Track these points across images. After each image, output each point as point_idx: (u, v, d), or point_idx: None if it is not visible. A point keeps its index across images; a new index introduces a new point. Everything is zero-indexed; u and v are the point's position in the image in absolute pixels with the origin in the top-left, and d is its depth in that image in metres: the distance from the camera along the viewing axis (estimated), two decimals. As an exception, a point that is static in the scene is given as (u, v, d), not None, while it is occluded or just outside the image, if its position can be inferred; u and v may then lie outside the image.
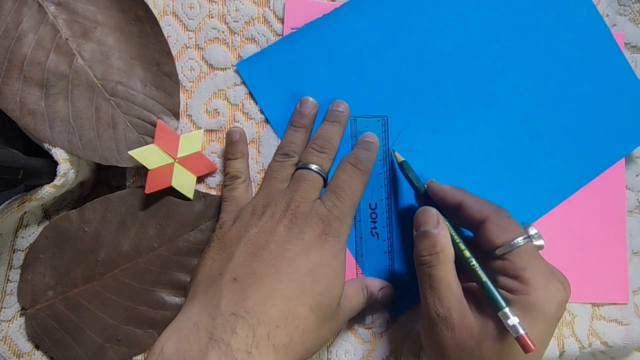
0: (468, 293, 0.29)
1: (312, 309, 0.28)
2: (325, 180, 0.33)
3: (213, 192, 0.35)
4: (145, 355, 0.34)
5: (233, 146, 0.34)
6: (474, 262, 0.29)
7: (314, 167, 0.32)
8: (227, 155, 0.35)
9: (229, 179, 0.34)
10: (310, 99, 0.35)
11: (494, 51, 0.36)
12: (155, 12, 0.34)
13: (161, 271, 0.34)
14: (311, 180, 0.32)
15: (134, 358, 0.34)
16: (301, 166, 0.33)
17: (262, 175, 0.35)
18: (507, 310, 0.27)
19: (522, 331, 0.26)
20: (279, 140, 0.35)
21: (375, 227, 0.35)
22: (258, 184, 0.35)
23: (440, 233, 0.30)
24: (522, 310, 0.27)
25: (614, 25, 0.38)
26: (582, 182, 0.37)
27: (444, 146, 0.36)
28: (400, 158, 0.34)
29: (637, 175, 0.39)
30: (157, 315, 0.34)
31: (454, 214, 0.31)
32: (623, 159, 0.37)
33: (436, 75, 0.36)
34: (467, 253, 0.30)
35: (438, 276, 0.29)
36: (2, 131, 0.33)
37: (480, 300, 0.29)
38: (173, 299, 0.34)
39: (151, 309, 0.34)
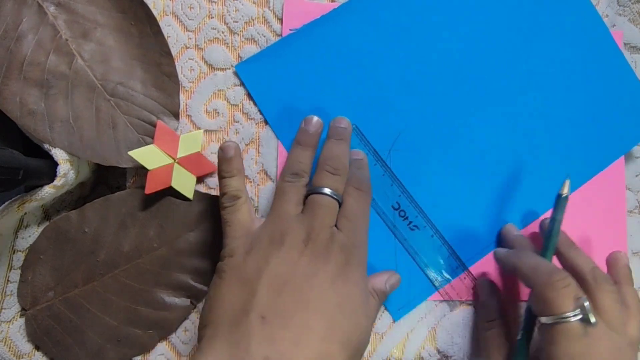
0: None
1: (343, 345, 0.27)
2: (339, 203, 0.31)
3: (213, 193, 0.35)
4: (146, 356, 0.34)
5: (228, 163, 0.32)
6: (522, 326, 0.31)
7: (327, 191, 0.31)
8: (222, 173, 0.32)
9: (228, 199, 0.31)
10: (315, 117, 0.33)
11: (493, 51, 0.36)
12: (155, 12, 0.34)
13: (161, 272, 0.34)
14: (327, 205, 0.31)
15: (134, 359, 0.34)
16: (315, 190, 0.31)
17: (262, 175, 0.35)
18: None
19: None
20: (279, 141, 0.35)
21: (410, 222, 0.35)
22: (258, 185, 0.35)
23: (494, 304, 0.34)
24: None
25: (614, 25, 0.38)
26: (581, 181, 0.37)
27: (443, 146, 0.36)
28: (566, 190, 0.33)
29: (636, 176, 0.39)
30: (158, 315, 0.34)
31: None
32: (623, 160, 0.37)
33: (436, 75, 0.36)
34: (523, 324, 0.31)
35: (489, 339, 0.33)
36: (2, 132, 0.33)
37: None
38: (173, 299, 0.34)
39: (151, 310, 0.34)
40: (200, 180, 0.35)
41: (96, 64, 0.33)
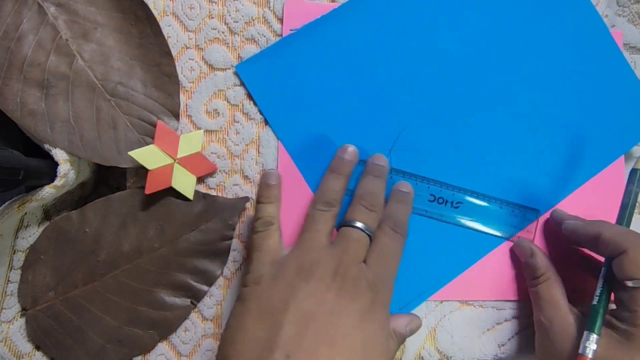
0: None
1: None
2: (371, 239, 0.31)
3: (213, 193, 0.35)
4: (146, 356, 0.34)
5: (269, 190, 0.32)
6: (601, 285, 0.31)
7: (361, 225, 0.31)
8: (261, 199, 0.32)
9: (261, 224, 0.31)
10: (352, 147, 0.34)
11: (494, 51, 0.36)
12: (155, 12, 0.34)
13: (162, 272, 0.34)
14: (359, 240, 0.30)
15: (134, 359, 0.34)
16: (348, 223, 0.31)
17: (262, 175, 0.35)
18: (594, 335, 0.29)
19: (588, 355, 0.28)
20: (279, 141, 0.35)
21: (452, 202, 0.35)
22: (257, 184, 0.35)
23: (537, 261, 0.34)
24: (623, 339, 0.29)
25: (613, 25, 0.38)
26: (581, 181, 0.37)
27: (444, 146, 0.36)
28: None
29: (636, 175, 0.39)
30: (158, 315, 0.34)
31: (593, 244, 0.32)
32: (623, 160, 0.38)
33: (436, 75, 0.36)
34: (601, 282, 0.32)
35: (538, 293, 0.33)
36: (2, 132, 0.33)
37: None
38: (174, 299, 0.34)
39: (152, 310, 0.34)
40: (200, 180, 0.35)
41: (96, 64, 0.33)
